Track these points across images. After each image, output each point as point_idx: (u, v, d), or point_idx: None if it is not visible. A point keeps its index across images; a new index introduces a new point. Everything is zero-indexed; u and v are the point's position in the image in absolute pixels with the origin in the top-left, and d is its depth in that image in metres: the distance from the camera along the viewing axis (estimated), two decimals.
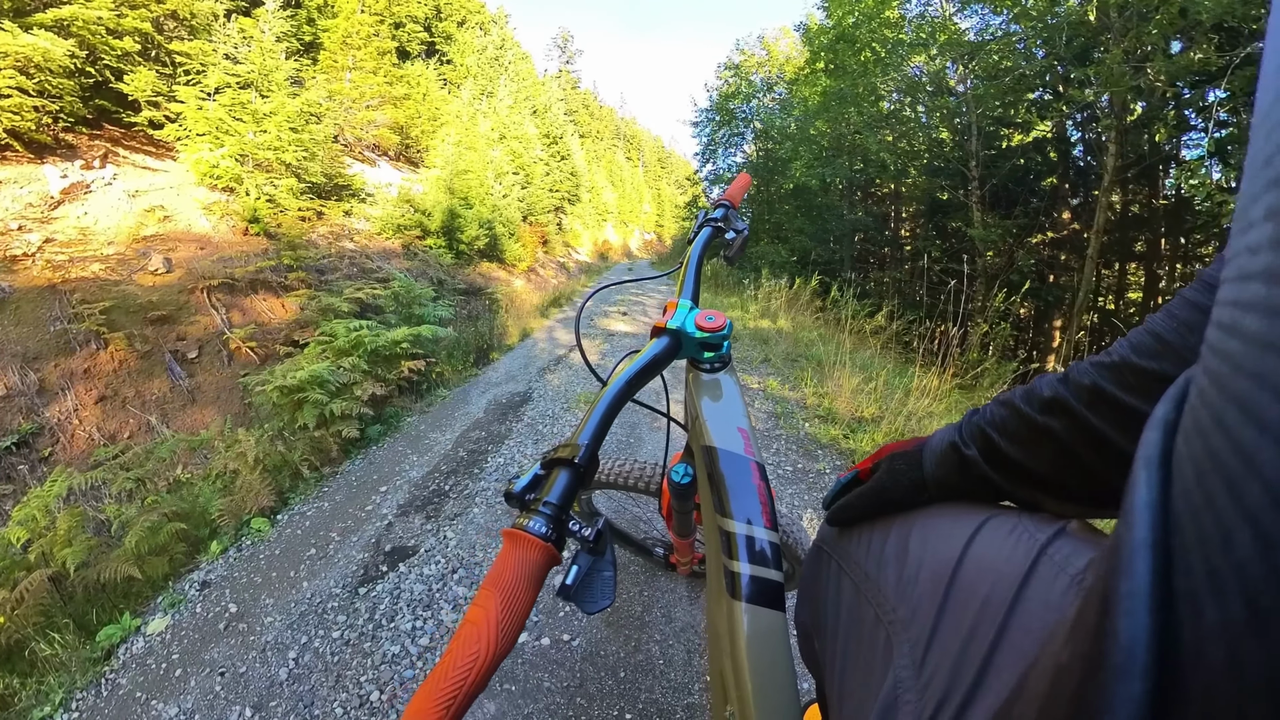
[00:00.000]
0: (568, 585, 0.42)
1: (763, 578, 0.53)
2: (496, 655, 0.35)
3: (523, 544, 0.40)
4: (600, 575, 0.43)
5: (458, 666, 0.34)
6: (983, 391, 3.70)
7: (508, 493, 0.46)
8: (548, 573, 0.40)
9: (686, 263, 0.88)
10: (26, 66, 5.47)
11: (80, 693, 1.70)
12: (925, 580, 0.39)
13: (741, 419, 0.67)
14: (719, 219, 1.00)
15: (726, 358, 0.73)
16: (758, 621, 0.52)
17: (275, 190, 7.19)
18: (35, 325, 4.22)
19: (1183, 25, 6.30)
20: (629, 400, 0.58)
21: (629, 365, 0.61)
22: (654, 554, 1.73)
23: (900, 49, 10.45)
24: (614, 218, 39.15)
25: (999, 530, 0.38)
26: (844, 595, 0.49)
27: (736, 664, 0.51)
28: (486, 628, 0.36)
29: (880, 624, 0.42)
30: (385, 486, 2.78)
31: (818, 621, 0.53)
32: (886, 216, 13.73)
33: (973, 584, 0.36)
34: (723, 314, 0.70)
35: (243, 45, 7.85)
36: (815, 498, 2.42)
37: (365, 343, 3.76)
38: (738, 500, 0.58)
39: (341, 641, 1.76)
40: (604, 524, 0.45)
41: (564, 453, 0.47)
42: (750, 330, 6.00)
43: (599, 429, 0.51)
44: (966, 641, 0.34)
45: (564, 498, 0.44)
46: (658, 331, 0.69)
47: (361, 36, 12.74)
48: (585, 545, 0.43)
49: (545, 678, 1.56)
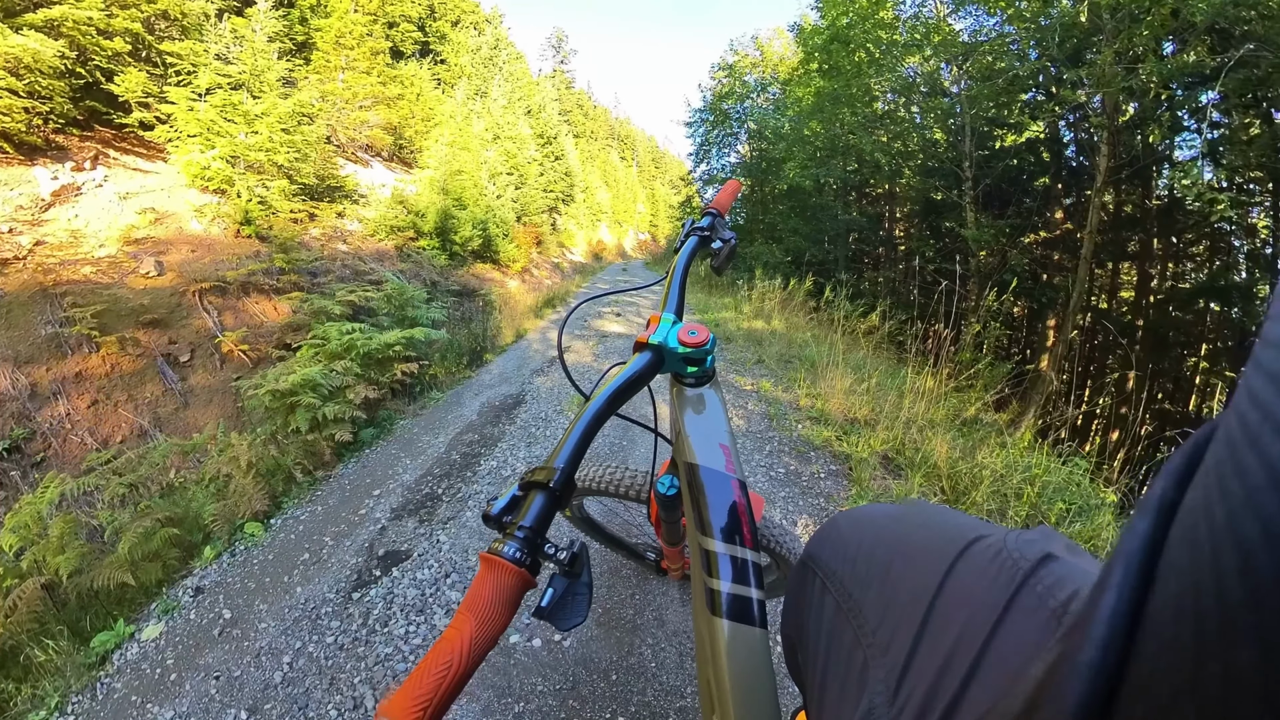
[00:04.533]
0: (543, 608, 0.43)
1: (742, 595, 0.54)
2: (468, 669, 0.37)
3: (498, 569, 0.41)
4: (575, 597, 0.44)
5: (433, 673, 0.36)
6: (977, 393, 3.69)
7: (485, 515, 0.47)
8: (522, 596, 0.42)
9: (671, 274, 0.86)
10: (16, 67, 5.44)
11: (76, 697, 1.71)
12: (905, 605, 0.39)
13: (724, 435, 0.66)
14: (705, 228, 0.98)
15: (710, 372, 0.72)
16: (738, 638, 0.52)
17: (267, 192, 7.17)
18: (26, 329, 4.20)
19: (1175, 27, 6.34)
20: (612, 416, 0.58)
21: (611, 381, 0.61)
22: (646, 558, 1.73)
23: (894, 50, 10.47)
24: (608, 218, 39.16)
25: (982, 557, 0.38)
26: (826, 612, 0.49)
27: (718, 678, 0.52)
28: (460, 646, 0.37)
29: (859, 645, 0.42)
30: (378, 490, 2.78)
31: (801, 635, 0.53)
32: (880, 217, 13.76)
33: (951, 612, 0.36)
34: (706, 328, 0.69)
35: (234, 45, 7.82)
36: (809, 502, 2.42)
37: (358, 345, 3.76)
38: (718, 518, 0.59)
39: (335, 646, 1.77)
40: (580, 547, 0.46)
41: (540, 475, 0.48)
42: (744, 331, 6.01)
43: (576, 450, 0.51)
44: (942, 670, 0.33)
45: (539, 521, 0.45)
46: (640, 347, 0.69)
47: (355, 36, 12.68)
48: (561, 569, 0.45)
49: (538, 680, 1.57)
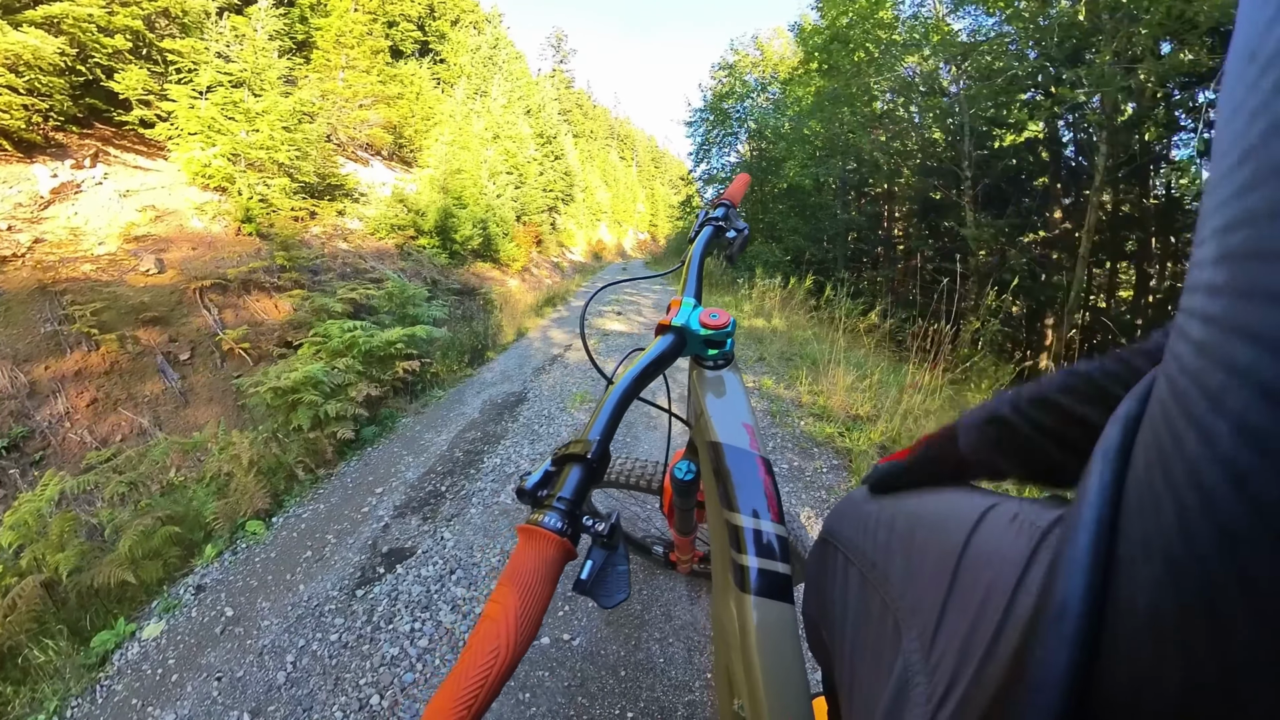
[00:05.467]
0: (583, 580, 0.42)
1: (771, 570, 0.54)
2: (516, 651, 0.35)
3: (539, 539, 0.40)
4: (615, 570, 0.43)
5: (478, 665, 0.34)
6: (975, 388, 3.72)
7: (519, 489, 0.46)
8: (563, 567, 0.40)
9: (689, 261, 0.88)
10: (16, 64, 5.41)
11: (76, 699, 1.69)
12: (930, 568, 0.40)
13: (746, 415, 0.67)
14: (720, 218, 1.00)
15: (730, 355, 0.74)
16: (767, 614, 0.52)
17: (268, 190, 7.15)
18: (26, 327, 4.18)
19: (1174, 28, 6.35)
20: (636, 397, 0.58)
21: (635, 363, 0.61)
22: (653, 552, 1.73)
23: (894, 49, 10.49)
24: (608, 217, 39.19)
25: (1000, 519, 0.39)
26: (851, 585, 0.49)
27: (747, 657, 0.51)
28: (505, 624, 0.35)
29: (888, 610, 0.42)
30: (381, 488, 2.77)
31: (825, 612, 0.54)
32: (880, 216, 13.78)
33: (976, 572, 0.37)
34: (726, 312, 0.70)
35: (235, 43, 7.80)
36: (813, 496, 2.42)
37: (359, 343, 3.75)
38: (744, 494, 0.59)
39: (339, 644, 1.75)
40: (616, 518, 0.45)
41: (576, 449, 0.47)
42: (745, 329, 6.01)
43: (609, 425, 0.51)
44: (972, 627, 0.34)
45: (577, 493, 0.44)
46: (662, 329, 0.69)
47: (355, 35, 12.67)
48: (599, 540, 0.44)
49: (546, 676, 1.56)
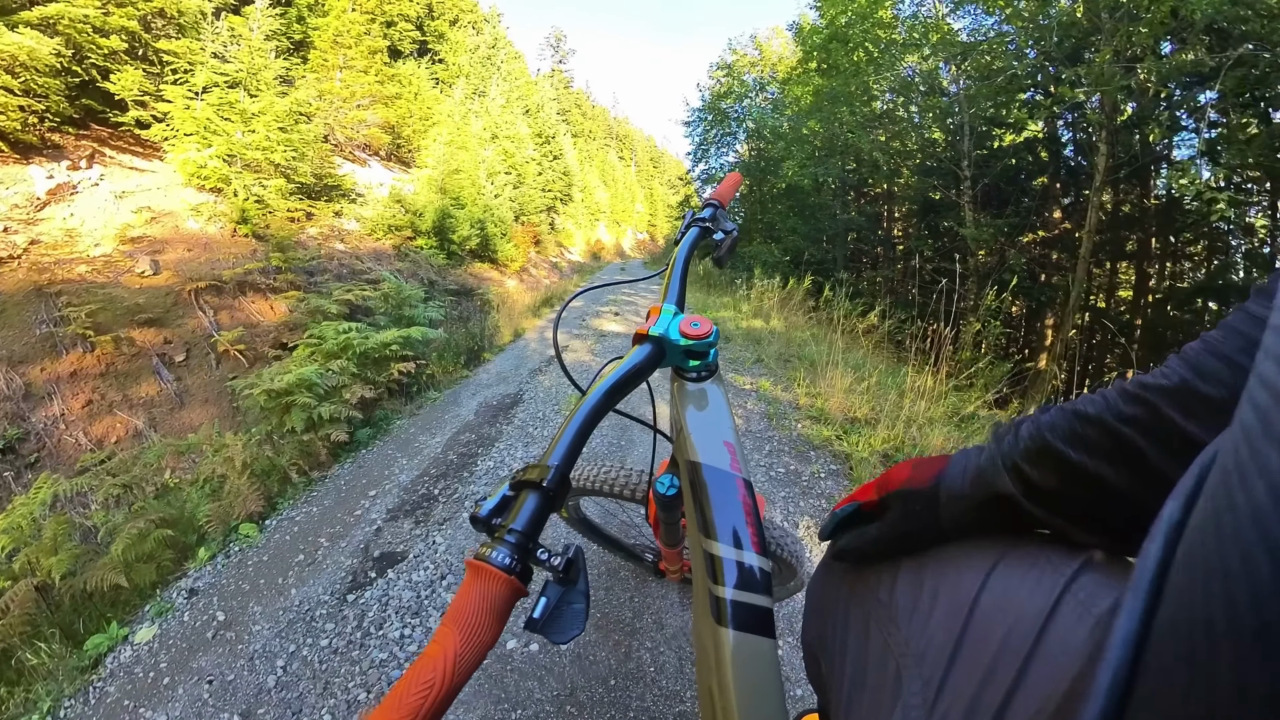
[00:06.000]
0: (535, 619, 0.40)
1: (750, 604, 0.50)
2: (452, 689, 0.34)
3: (485, 577, 0.38)
4: (570, 607, 0.41)
5: (413, 693, 0.32)
6: (977, 392, 3.68)
7: (473, 516, 0.44)
8: (513, 606, 0.39)
9: (672, 265, 0.84)
10: (12, 65, 5.41)
11: (69, 701, 1.69)
12: (940, 616, 0.38)
13: (728, 432, 0.63)
14: (707, 219, 0.95)
15: (713, 366, 0.68)
16: (744, 648, 0.49)
17: (264, 191, 7.14)
18: (21, 328, 4.17)
19: (1174, 26, 6.33)
20: (609, 411, 0.55)
21: (608, 375, 0.58)
22: (644, 560, 1.71)
23: (893, 49, 10.48)
24: (606, 217, 39.14)
25: (1017, 566, 0.37)
26: (852, 619, 0.47)
27: (723, 687, 0.49)
28: (444, 663, 0.34)
29: (889, 653, 0.40)
30: (374, 491, 2.76)
31: (824, 643, 0.51)
32: (879, 216, 13.77)
33: (990, 623, 0.35)
34: (709, 320, 0.65)
35: (231, 44, 7.79)
36: (810, 503, 2.40)
37: (354, 345, 3.74)
38: (723, 520, 0.55)
39: (330, 649, 1.75)
40: (576, 552, 0.43)
41: (533, 474, 0.45)
42: (743, 330, 6.00)
43: (571, 448, 0.48)
44: (984, 683, 0.33)
45: (531, 525, 0.42)
46: (639, 338, 0.65)
47: (352, 35, 12.65)
48: (555, 575, 0.41)
49: (535, 686, 1.55)
